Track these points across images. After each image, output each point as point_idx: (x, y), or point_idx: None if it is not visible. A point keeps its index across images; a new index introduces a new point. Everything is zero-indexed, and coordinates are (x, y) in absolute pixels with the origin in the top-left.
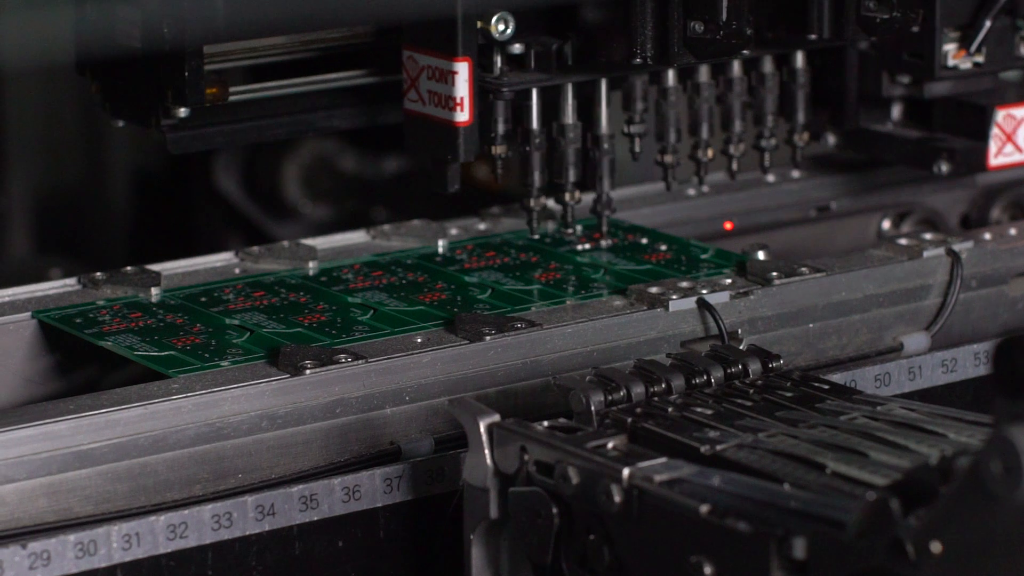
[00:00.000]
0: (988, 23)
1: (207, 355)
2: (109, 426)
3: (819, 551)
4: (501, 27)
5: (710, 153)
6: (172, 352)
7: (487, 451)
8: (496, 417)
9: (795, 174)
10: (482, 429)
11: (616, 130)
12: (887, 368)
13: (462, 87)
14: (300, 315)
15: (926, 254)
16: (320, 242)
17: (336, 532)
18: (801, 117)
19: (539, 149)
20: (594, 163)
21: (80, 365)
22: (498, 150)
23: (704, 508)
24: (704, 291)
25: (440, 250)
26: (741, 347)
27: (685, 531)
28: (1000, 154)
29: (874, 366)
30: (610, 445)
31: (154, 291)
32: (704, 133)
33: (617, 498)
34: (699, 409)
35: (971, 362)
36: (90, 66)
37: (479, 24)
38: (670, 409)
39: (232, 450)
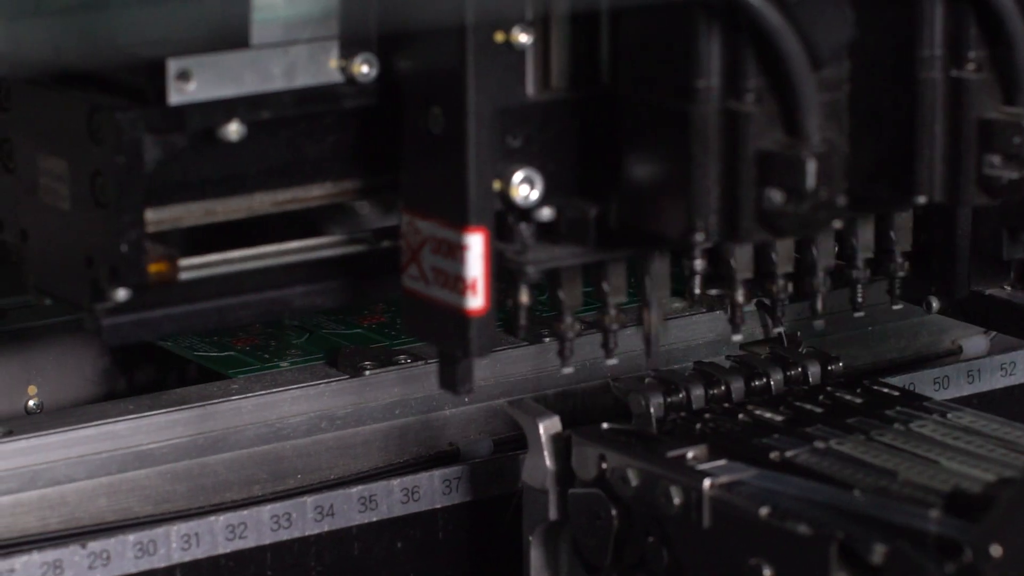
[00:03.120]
0: None
1: (266, 356)
2: (169, 426)
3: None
4: (525, 190)
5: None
6: (232, 352)
7: (546, 453)
8: (555, 419)
9: None
10: (541, 431)
11: None
12: (946, 371)
13: (475, 265)
14: (360, 316)
15: None
16: None
17: (395, 533)
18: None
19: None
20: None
21: (140, 365)
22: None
23: (764, 510)
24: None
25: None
26: (800, 349)
27: (744, 533)
28: None
29: (933, 369)
30: (691, 455)
31: None
32: None
33: (677, 500)
34: (768, 415)
35: None
36: (13, 225)
37: (497, 185)
38: (740, 415)
39: (291, 451)
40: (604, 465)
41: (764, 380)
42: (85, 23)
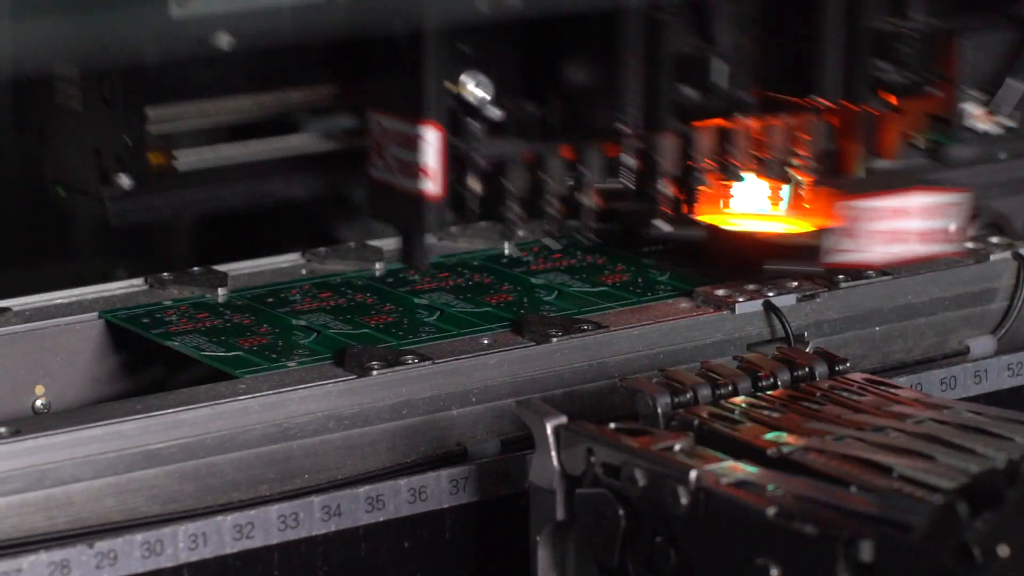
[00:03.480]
0: (1017, 84)
1: (274, 356)
2: (176, 426)
3: (886, 554)
4: (475, 90)
5: None
6: (239, 352)
7: (554, 453)
8: (563, 419)
9: None
10: (549, 431)
11: None
12: (953, 371)
13: (432, 155)
14: (367, 316)
15: (992, 258)
16: (386, 243)
17: (402, 533)
18: None
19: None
20: None
21: (147, 365)
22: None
23: (771, 510)
24: (770, 294)
25: (507, 252)
26: (807, 350)
27: (752, 533)
28: (848, 250)
29: (940, 369)
30: (677, 447)
31: (221, 291)
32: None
33: (684, 500)
34: (766, 412)
35: None
36: (32, 126)
37: (451, 87)
38: (736, 411)
39: (299, 450)
40: (592, 459)
41: (771, 380)
42: None
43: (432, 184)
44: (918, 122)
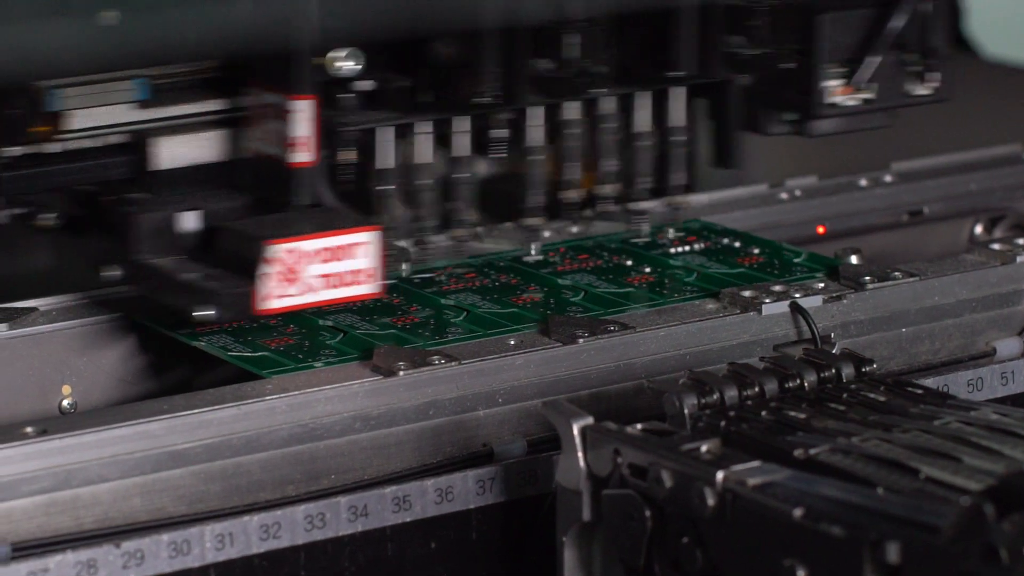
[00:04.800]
0: (873, 58)
1: (300, 356)
2: (203, 426)
3: (913, 556)
4: (342, 64)
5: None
6: (265, 353)
7: (580, 454)
8: (589, 420)
9: (887, 178)
10: (575, 432)
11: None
12: (980, 373)
13: (303, 126)
14: (393, 316)
15: (1019, 259)
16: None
17: (429, 533)
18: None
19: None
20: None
21: (173, 365)
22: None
23: (798, 512)
24: (797, 295)
25: (533, 252)
26: (834, 351)
27: (778, 535)
28: (282, 295)
29: (967, 371)
30: (704, 448)
31: None
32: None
33: (710, 501)
34: (792, 413)
35: None
36: None
37: (320, 61)
38: (763, 412)
39: (325, 451)
40: (619, 460)
41: (798, 381)
42: None
43: (304, 155)
44: (776, 98)
